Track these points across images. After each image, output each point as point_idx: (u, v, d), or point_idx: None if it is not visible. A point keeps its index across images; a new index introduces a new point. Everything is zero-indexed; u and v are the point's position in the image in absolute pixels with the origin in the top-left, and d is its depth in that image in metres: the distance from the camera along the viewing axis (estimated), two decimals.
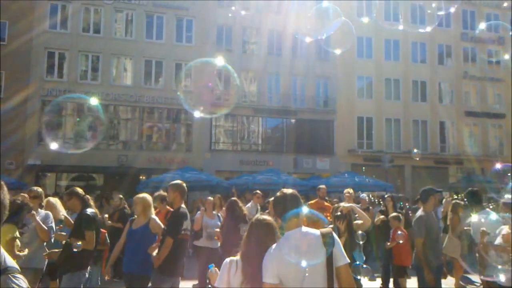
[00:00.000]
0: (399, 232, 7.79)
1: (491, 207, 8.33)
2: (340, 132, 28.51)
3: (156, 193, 7.97)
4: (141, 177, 24.20)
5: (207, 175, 19.71)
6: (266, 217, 3.16)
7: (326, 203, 9.26)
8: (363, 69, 29.72)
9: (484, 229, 5.14)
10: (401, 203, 14.89)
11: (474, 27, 31.84)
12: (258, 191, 10.47)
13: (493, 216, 6.04)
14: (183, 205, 5.48)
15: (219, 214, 8.64)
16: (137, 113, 26.26)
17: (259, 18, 28.04)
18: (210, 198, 9.01)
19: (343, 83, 28.99)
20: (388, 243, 8.05)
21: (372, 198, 15.20)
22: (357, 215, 5.75)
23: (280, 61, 28.29)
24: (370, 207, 10.07)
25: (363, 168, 25.49)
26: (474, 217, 6.21)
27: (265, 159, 26.87)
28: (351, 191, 9.03)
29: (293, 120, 28.63)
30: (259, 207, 10.11)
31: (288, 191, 3.16)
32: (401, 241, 7.43)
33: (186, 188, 5.54)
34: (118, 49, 26.00)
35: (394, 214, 8.53)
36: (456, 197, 13.21)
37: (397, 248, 8.02)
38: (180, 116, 26.99)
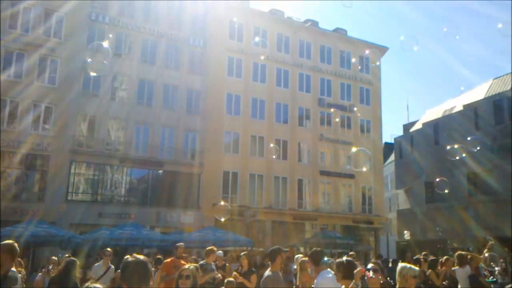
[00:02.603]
0: None
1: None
2: (206, 185, 28.72)
3: None
4: None
5: (58, 229, 18.00)
6: (98, 285, 2.95)
7: (182, 262, 9.10)
8: (231, 125, 30.86)
9: None
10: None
11: (330, 94, 35.47)
12: (108, 249, 9.78)
13: (331, 274, 6.47)
14: (13, 269, 4.92)
15: None
16: None
17: (130, 66, 27.73)
18: (55, 257, 8.24)
19: (211, 138, 29.64)
20: None
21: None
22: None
23: (150, 111, 28.04)
24: (227, 264, 10.15)
25: (231, 227, 25.44)
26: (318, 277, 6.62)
27: (127, 212, 25.68)
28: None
29: (160, 172, 28.12)
30: (112, 267, 9.48)
31: (139, 257, 3.00)
32: None
33: (17, 248, 4.98)
34: None
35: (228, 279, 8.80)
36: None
37: None
38: (35, 161, 24.73)
